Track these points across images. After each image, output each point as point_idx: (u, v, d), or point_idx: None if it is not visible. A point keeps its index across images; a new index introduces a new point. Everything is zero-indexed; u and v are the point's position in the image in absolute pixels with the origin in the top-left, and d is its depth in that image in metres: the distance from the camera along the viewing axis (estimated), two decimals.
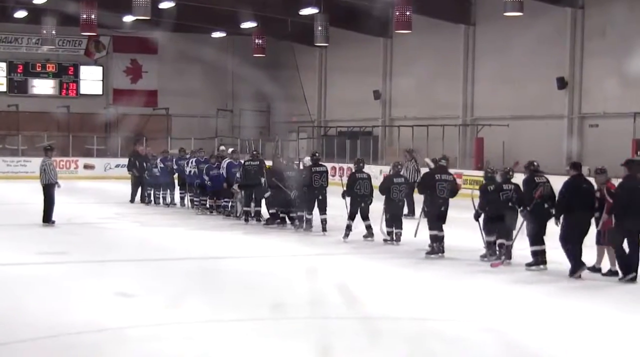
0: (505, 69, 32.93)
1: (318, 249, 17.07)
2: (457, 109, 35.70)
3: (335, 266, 15.12)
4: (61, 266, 14.69)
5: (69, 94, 45.98)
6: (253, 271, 14.29)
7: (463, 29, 35.44)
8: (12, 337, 9.50)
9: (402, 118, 38.66)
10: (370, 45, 40.49)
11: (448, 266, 15.05)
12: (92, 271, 14.24)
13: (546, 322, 10.72)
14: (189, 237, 19.03)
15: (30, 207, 22.09)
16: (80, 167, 39.81)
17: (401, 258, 15.81)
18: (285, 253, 16.56)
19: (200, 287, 12.57)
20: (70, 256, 15.62)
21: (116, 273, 13.96)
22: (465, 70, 35.42)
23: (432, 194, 16.04)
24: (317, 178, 18.94)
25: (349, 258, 16.10)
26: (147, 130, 43.03)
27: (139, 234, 19.46)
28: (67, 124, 43.17)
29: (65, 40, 44.60)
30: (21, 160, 38.62)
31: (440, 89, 35.93)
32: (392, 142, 39.12)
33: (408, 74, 37.27)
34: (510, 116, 32.65)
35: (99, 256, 15.72)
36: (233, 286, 12.77)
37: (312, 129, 44.66)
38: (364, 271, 14.60)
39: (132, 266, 14.78)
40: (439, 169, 16.49)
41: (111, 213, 23.49)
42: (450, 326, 10.38)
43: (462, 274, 14.20)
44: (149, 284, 12.89)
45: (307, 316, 10.73)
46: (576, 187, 13.86)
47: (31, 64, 45.13)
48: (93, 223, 21.24)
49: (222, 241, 18.20)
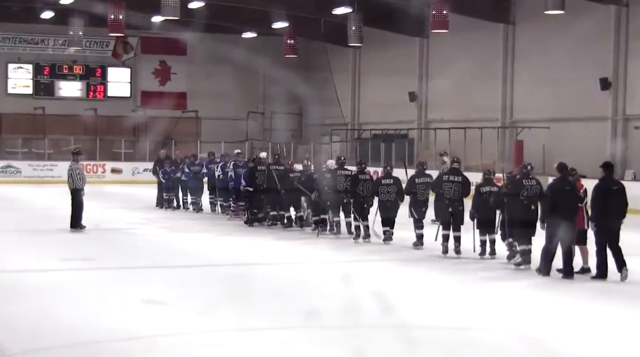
0: (546, 70, 32.80)
1: (351, 255, 17.10)
2: (496, 111, 35.59)
3: (368, 273, 15.15)
4: (89, 272, 14.79)
5: (96, 96, 46.36)
6: (285, 277, 14.33)
7: (502, 28, 35.32)
8: (41, 344, 9.59)
9: (439, 120, 38.59)
10: (406, 46, 40.46)
11: (482, 270, 15.12)
12: (121, 277, 14.34)
13: (583, 327, 10.76)
14: (219, 243, 19.11)
15: (57, 212, 22.28)
16: (107, 172, 40.12)
17: (434, 264, 15.88)
18: (317, 260, 16.59)
19: (230, 295, 12.62)
20: (98, 262, 15.73)
21: (145, 280, 14.05)
22: (504, 70, 35.32)
23: (439, 195, 16.92)
24: (342, 181, 19.22)
25: (383, 265, 16.09)
26: (175, 134, 43.23)
27: (167, 240, 19.55)
28: (94, 127, 43.49)
29: (93, 42, 45.00)
30: (47, 165, 39.00)
31: (478, 90, 35.83)
32: (428, 145, 39.06)
33: (445, 75, 37.21)
34: (551, 118, 32.49)
35: (127, 262, 15.84)
36: (264, 293, 12.80)
37: (346, 132, 44.68)
38: (398, 278, 14.61)
39: (161, 273, 14.88)
40: (450, 171, 17.35)
41: (139, 218, 23.62)
42: (489, 335, 10.34)
43: (492, 279, 14.30)
44: (178, 291, 12.96)
45: (341, 325, 10.73)
46: (606, 189, 14.24)
47: (58, 65, 45.58)
48: (121, 229, 21.38)
49: (252, 247, 18.24)
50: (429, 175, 18.31)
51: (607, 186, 14.24)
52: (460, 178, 16.98)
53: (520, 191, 15.19)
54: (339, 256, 17.07)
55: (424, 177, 18.04)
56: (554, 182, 14.74)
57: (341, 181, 19.22)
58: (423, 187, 17.85)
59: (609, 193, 14.15)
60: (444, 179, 17.05)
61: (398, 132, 40.30)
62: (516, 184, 15.56)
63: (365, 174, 19.00)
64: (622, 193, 14.30)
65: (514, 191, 15.37)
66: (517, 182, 15.53)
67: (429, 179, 18.12)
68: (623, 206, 14.28)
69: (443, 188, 16.81)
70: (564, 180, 14.59)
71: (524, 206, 15.11)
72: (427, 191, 17.89)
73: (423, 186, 17.86)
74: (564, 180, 14.59)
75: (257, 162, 22.37)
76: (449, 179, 16.93)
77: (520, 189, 15.22)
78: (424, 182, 17.93)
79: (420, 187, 17.82)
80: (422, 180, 17.96)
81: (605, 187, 14.22)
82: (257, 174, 21.67)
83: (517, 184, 15.49)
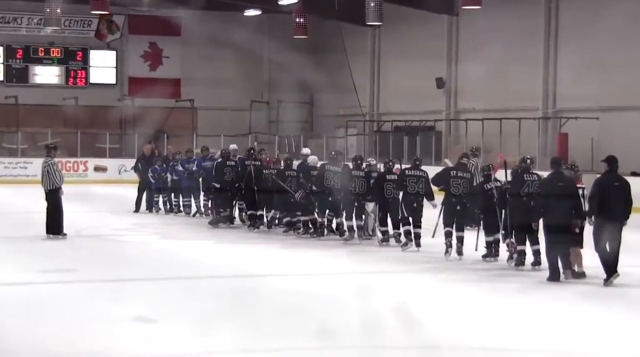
0: (595, 52, 32.73)
1: (369, 265, 17.14)
2: (537, 99, 35.56)
3: (390, 285, 15.17)
4: (70, 285, 14.87)
5: (76, 83, 46.46)
6: (294, 291, 14.36)
7: (544, 4, 35.30)
8: None
9: (470, 110, 38.59)
10: (433, 25, 40.46)
11: (511, 278, 15.32)
12: (106, 291, 14.38)
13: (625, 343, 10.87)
14: (218, 251, 19.18)
15: (34, 217, 22.31)
16: (90, 170, 40.23)
17: (461, 274, 15.99)
18: (331, 270, 16.65)
19: (232, 311, 12.67)
20: (81, 274, 15.79)
21: (134, 294, 14.10)
22: (546, 53, 35.26)
23: (446, 190, 17.78)
24: (358, 182, 19.79)
25: (406, 276, 16.15)
26: (168, 126, 43.31)
27: (160, 248, 19.63)
28: (74, 118, 43.46)
29: (73, 21, 45.12)
30: (21, 162, 39.10)
31: (515, 75, 35.79)
32: (458, 139, 39.04)
33: (477, 58, 37.16)
34: (600, 107, 32.45)
35: (114, 274, 15.88)
36: (271, 309, 12.84)
37: (364, 124, 44.67)
38: (424, 290, 14.66)
39: (153, 286, 14.94)
40: (457, 166, 18.55)
41: (127, 224, 23.71)
42: None
43: (526, 289, 14.49)
44: (172, 307, 13.00)
45: (359, 345, 10.77)
46: (606, 185, 14.87)
47: (33, 48, 45.68)
48: (106, 236, 21.45)
49: (257, 256, 18.31)
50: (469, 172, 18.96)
51: (608, 181, 14.88)
52: (469, 175, 18.05)
53: (521, 187, 16.09)
54: (356, 265, 17.11)
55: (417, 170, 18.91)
56: (599, 179, 15.17)
57: (356, 181, 19.69)
58: (414, 180, 18.67)
59: (610, 189, 14.75)
60: (451, 175, 17.89)
61: (423, 123, 40.30)
62: (517, 179, 16.41)
63: (359, 170, 19.86)
64: (623, 189, 14.86)
65: (515, 187, 16.23)
66: (518, 178, 16.38)
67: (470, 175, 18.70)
68: (625, 204, 14.79)
69: (451, 184, 17.67)
70: (557, 175, 15.41)
71: (525, 203, 15.89)
72: (418, 186, 18.60)
73: (414, 180, 18.68)
74: (558, 174, 15.42)
75: (226, 157, 23.11)
76: (456, 175, 17.86)
77: (521, 185, 16.12)
78: (414, 176, 18.76)
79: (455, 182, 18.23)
80: (413, 173, 18.83)
81: (606, 182, 14.88)
82: (226, 169, 22.57)
83: (518, 179, 16.35)
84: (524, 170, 16.43)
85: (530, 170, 16.44)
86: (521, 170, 16.50)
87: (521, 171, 16.46)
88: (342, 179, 19.83)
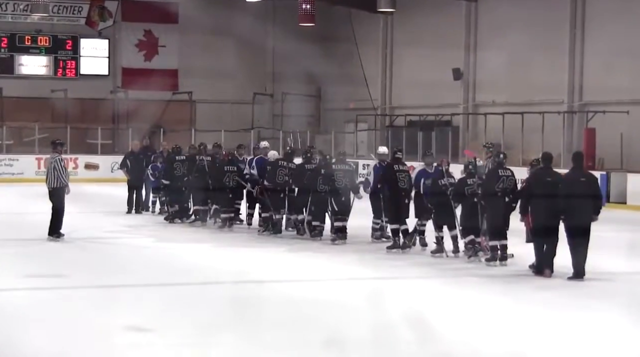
0: (625, 40, 32.75)
1: (381, 271, 17.14)
2: (561, 92, 35.58)
3: (404, 292, 15.19)
4: (60, 292, 14.88)
5: (66, 74, 46.50)
6: (300, 298, 14.39)
7: None
8: None
9: (490, 104, 38.64)
10: (449, 11, 40.51)
11: (533, 284, 15.25)
12: (98, 298, 14.41)
13: None
14: (218, 255, 19.24)
15: (20, 218, 22.43)
16: (80, 167, 40.32)
17: (480, 280, 16.04)
18: (341, 276, 16.65)
19: (234, 320, 12.68)
20: (71, 280, 15.83)
21: (128, 301, 14.12)
22: (572, 42, 35.29)
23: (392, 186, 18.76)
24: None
25: (421, 282, 16.17)
26: (165, 121, 43.37)
27: (156, 251, 19.66)
28: (64, 112, 43.69)
29: (62, 7, 45.17)
30: (6, 159, 39.22)
31: (539, 66, 35.85)
32: (477, 134, 39.07)
33: (497, 47, 37.22)
34: (631, 100, 32.48)
35: (107, 280, 15.90)
36: (276, 318, 12.85)
37: (375, 118, 44.73)
38: (439, 297, 14.67)
39: (148, 292, 14.97)
40: (394, 161, 19.24)
41: (120, 225, 23.76)
42: None
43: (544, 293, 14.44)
44: (170, 315, 13.02)
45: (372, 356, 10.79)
46: (573, 182, 15.77)
47: (18, 36, 45.68)
48: (98, 238, 21.50)
49: (260, 261, 18.33)
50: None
51: (574, 178, 15.84)
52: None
53: (496, 183, 16.69)
54: (368, 271, 17.12)
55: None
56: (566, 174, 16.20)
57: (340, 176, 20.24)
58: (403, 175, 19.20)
59: (576, 186, 15.62)
60: (395, 169, 18.97)
61: (439, 118, 40.33)
62: (491, 174, 17.03)
63: (345, 163, 20.79)
64: (590, 186, 15.65)
65: (490, 183, 16.80)
66: (492, 173, 17.01)
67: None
68: (591, 200, 15.56)
69: (398, 179, 18.75)
70: (546, 170, 16.24)
71: (499, 199, 16.65)
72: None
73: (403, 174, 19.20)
74: (547, 170, 16.24)
75: (176, 152, 24.38)
76: (400, 169, 18.99)
77: (496, 181, 16.71)
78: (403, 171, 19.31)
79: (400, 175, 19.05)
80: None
81: (572, 179, 15.83)
82: (176, 164, 23.88)
83: (491, 175, 16.96)
84: (497, 165, 17.02)
85: (504, 165, 16.97)
86: (495, 165, 17.12)
87: (495, 166, 17.08)
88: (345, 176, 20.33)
